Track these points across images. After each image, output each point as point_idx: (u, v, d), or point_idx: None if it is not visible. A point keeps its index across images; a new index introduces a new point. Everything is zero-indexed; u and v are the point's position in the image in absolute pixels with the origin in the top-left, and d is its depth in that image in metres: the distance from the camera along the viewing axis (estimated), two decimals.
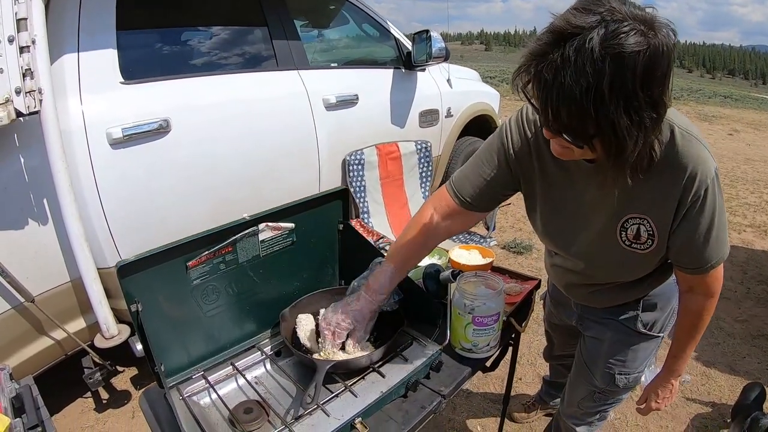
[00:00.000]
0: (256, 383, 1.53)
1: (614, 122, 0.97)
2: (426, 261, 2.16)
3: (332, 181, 3.52)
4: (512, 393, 2.43)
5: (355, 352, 1.55)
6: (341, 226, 1.83)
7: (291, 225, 1.65)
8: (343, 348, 1.58)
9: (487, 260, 2.10)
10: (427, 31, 3.99)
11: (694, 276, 1.38)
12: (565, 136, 1.05)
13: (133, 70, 2.51)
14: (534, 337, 3.39)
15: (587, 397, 1.86)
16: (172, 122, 2.53)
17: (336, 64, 4.01)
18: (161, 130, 2.49)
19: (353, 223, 3.31)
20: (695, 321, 1.49)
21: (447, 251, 2.19)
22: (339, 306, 1.58)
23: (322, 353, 1.56)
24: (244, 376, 1.54)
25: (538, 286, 2.05)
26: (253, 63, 3.20)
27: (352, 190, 3.57)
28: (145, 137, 2.44)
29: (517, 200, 6.06)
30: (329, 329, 1.56)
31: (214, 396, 1.46)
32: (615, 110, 0.95)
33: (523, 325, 1.87)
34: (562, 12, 0.99)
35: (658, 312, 1.63)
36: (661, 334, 1.69)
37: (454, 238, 3.84)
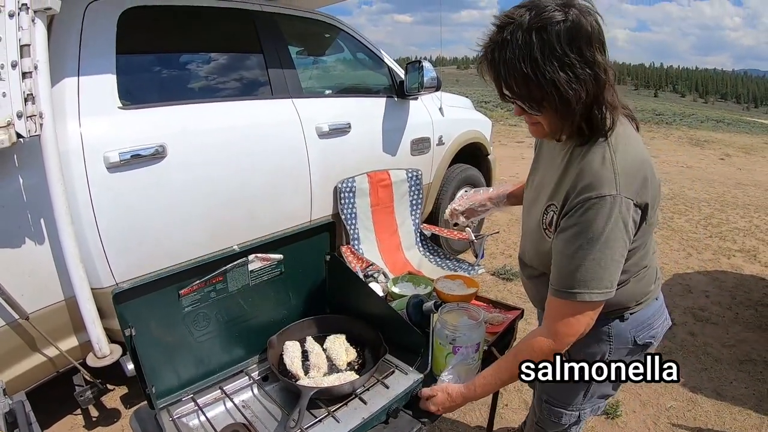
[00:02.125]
0: (243, 407, 1.58)
1: (555, 81, 1.19)
2: (410, 291, 2.23)
3: (324, 208, 3.58)
4: (498, 419, 2.46)
5: (342, 376, 1.61)
6: (328, 257, 1.88)
7: (280, 256, 1.71)
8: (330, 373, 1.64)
9: (471, 290, 2.16)
10: (420, 61, 4.09)
11: (551, 300, 1.38)
12: (519, 103, 1.30)
13: (131, 96, 2.58)
14: None
15: (530, 427, 1.87)
16: (168, 147, 2.59)
17: (330, 92, 4.10)
18: (157, 155, 2.55)
19: (343, 249, 3.37)
20: (521, 352, 1.45)
21: (433, 281, 2.25)
22: (476, 192, 2.09)
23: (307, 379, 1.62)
24: (231, 399, 1.59)
25: (521, 316, 2.11)
26: (248, 90, 3.27)
27: (342, 216, 3.62)
28: (141, 162, 2.50)
29: (507, 227, 6.17)
30: (464, 205, 2.05)
31: (202, 418, 1.51)
32: (552, 70, 1.18)
33: (505, 353, 1.92)
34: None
35: (587, 352, 1.57)
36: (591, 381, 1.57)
37: (442, 265, 3.90)
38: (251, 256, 1.63)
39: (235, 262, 1.59)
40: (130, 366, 1.38)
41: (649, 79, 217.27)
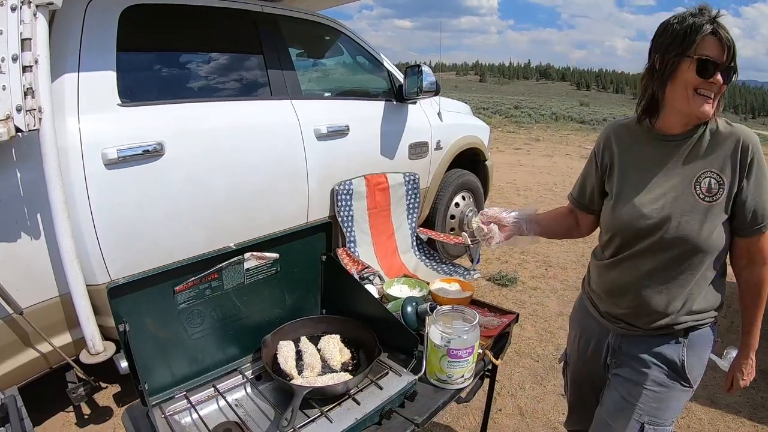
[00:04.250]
0: (236, 405, 1.58)
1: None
2: (406, 293, 2.23)
3: (321, 210, 3.57)
4: (491, 424, 2.46)
5: (335, 377, 1.61)
6: (324, 258, 1.89)
7: (275, 255, 1.71)
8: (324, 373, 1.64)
9: (467, 294, 2.16)
10: (419, 66, 4.09)
11: (752, 240, 1.57)
12: (729, 72, 1.48)
13: (130, 93, 2.58)
14: (515, 368, 3.44)
15: None
16: (167, 146, 2.59)
17: (329, 94, 4.10)
18: (155, 152, 2.54)
19: (339, 252, 3.37)
20: (759, 291, 1.63)
21: (428, 283, 2.25)
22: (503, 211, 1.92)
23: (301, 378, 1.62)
24: (224, 398, 1.59)
25: (516, 320, 2.12)
26: (247, 91, 3.27)
27: (339, 219, 3.62)
28: (139, 159, 2.49)
29: None
30: (491, 219, 1.89)
31: (195, 416, 1.51)
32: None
33: (500, 358, 1.93)
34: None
35: (696, 358, 1.66)
36: (695, 387, 1.69)
37: (438, 270, 3.90)
38: (247, 254, 1.63)
39: (231, 260, 1.59)
40: (124, 363, 1.38)
41: None
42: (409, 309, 1.87)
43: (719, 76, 1.45)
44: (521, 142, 16.69)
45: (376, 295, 2.23)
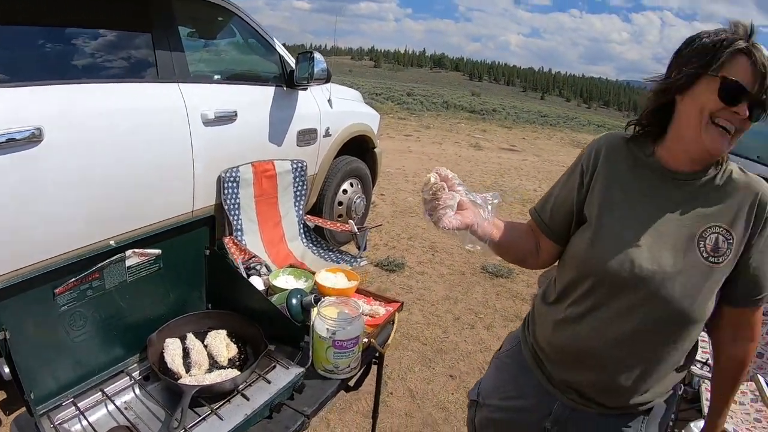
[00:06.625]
0: (125, 408, 1.54)
1: None
2: (292, 284, 2.25)
3: (207, 198, 3.51)
4: (383, 407, 2.52)
5: (223, 373, 1.61)
6: (208, 252, 1.87)
7: (158, 251, 1.68)
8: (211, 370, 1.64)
9: (352, 283, 2.21)
10: (311, 52, 4.09)
11: (744, 312, 1.35)
12: (762, 106, 1.21)
13: (5, 72, 2.42)
14: (404, 353, 3.56)
15: None
16: (45, 131, 2.44)
17: (218, 77, 4.01)
18: (33, 138, 2.39)
19: (226, 240, 3.33)
20: (740, 370, 1.43)
21: (313, 274, 2.28)
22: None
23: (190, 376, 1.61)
24: (113, 401, 1.54)
25: (400, 308, 2.18)
26: (133, 72, 3.14)
27: (226, 207, 3.57)
28: (15, 146, 2.34)
29: (391, 219, 6.29)
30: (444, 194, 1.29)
31: (84, 423, 1.46)
32: None
33: (385, 346, 1.99)
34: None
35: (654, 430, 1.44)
36: None
37: (325, 257, 3.93)
38: (128, 252, 1.59)
39: (112, 258, 1.54)
40: (7, 369, 1.33)
41: (537, 83, 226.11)
42: (294, 301, 1.89)
43: (745, 108, 1.18)
44: (412, 129, 16.93)
45: (262, 287, 2.23)
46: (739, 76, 1.16)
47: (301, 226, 4.10)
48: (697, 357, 2.60)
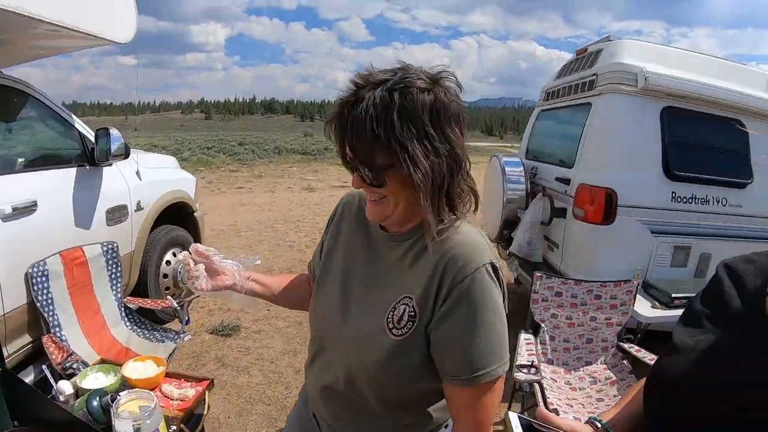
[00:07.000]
0: None
1: (407, 148, 1.08)
2: (101, 382, 2.19)
3: (17, 299, 3.28)
4: None
5: None
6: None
7: None
8: None
9: (160, 369, 2.18)
10: (107, 129, 3.98)
11: (462, 390, 1.20)
12: (360, 170, 1.15)
13: None
14: (249, 418, 3.53)
15: None
16: None
17: (14, 166, 3.78)
18: None
19: (45, 339, 3.15)
20: None
21: (119, 366, 2.23)
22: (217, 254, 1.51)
23: None
24: None
25: (210, 386, 2.19)
26: None
27: (38, 304, 3.35)
28: None
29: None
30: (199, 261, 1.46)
31: None
32: (409, 137, 1.08)
33: (198, 428, 1.98)
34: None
35: None
36: None
37: (150, 338, 3.79)
38: None
39: None
40: None
41: None
42: (95, 403, 1.86)
43: (356, 178, 1.20)
44: (243, 180, 16.84)
45: (71, 390, 2.15)
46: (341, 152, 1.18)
47: (122, 309, 3.94)
48: (522, 362, 2.80)
